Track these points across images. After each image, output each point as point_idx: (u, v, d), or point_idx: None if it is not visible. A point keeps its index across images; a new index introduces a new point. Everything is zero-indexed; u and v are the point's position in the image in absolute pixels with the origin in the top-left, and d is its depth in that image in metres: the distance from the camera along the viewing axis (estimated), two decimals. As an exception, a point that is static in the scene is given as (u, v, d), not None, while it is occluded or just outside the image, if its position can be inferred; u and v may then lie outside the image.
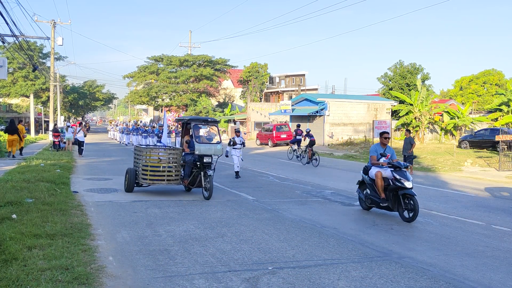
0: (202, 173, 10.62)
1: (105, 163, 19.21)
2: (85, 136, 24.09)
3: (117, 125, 47.14)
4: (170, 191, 11.71)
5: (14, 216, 7.42)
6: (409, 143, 17.21)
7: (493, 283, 5.35)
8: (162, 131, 20.40)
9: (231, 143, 15.39)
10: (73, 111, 70.72)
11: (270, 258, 6.03)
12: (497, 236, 7.69)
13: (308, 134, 21.48)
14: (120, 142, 37.34)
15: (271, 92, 61.04)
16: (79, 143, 22.90)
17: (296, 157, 22.42)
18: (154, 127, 31.56)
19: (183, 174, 11.14)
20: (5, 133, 21.79)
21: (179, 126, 30.65)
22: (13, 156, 19.93)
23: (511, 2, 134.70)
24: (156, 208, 9.26)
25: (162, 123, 52.97)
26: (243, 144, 15.65)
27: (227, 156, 15.05)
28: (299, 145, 22.71)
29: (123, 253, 6.10)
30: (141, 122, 46.57)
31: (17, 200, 8.68)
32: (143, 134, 30.21)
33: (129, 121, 52.14)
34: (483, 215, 9.45)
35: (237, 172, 15.14)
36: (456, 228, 8.21)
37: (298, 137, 23.12)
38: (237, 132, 16.07)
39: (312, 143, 20.88)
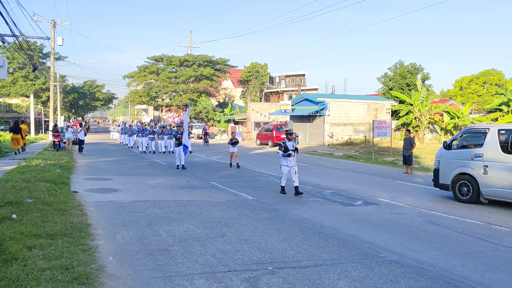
0: None
1: (105, 163, 19.21)
2: (85, 135, 25.83)
3: (118, 125, 45.06)
4: (170, 191, 11.71)
5: (14, 216, 7.42)
6: (409, 143, 17.23)
7: (493, 283, 5.35)
8: (182, 132, 17.82)
9: (282, 148, 11.64)
10: (73, 111, 70.72)
11: (270, 258, 6.03)
12: (497, 236, 7.69)
13: None
14: (121, 143, 35.53)
15: (271, 92, 61.05)
16: (80, 142, 24.74)
17: None
18: (164, 127, 27.99)
19: None
20: (10, 132, 25.14)
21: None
22: (19, 152, 22.28)
23: (511, 2, 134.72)
24: (156, 208, 9.26)
25: (165, 122, 52.37)
26: (296, 150, 11.71)
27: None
28: None
29: (123, 253, 6.10)
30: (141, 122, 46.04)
31: (17, 200, 8.68)
32: (149, 136, 26.85)
33: (132, 121, 50.20)
34: (483, 215, 9.45)
35: (283, 187, 11.75)
36: (456, 228, 8.21)
37: None
38: (289, 134, 11.89)
39: None
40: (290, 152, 11.50)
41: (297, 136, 13.46)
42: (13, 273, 4.84)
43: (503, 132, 10.61)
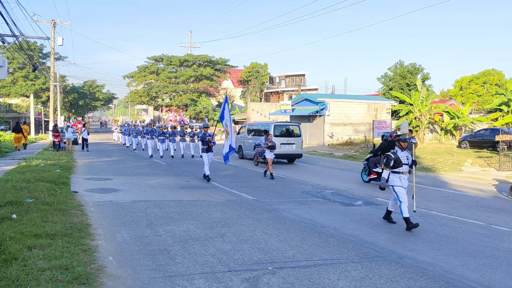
0: None
1: (105, 163, 19.21)
2: (88, 134, 27.80)
3: (120, 126, 42.48)
4: (170, 191, 11.71)
5: (14, 216, 7.42)
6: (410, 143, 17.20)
7: (493, 283, 5.35)
8: (212, 134, 14.59)
9: (391, 162, 7.99)
10: (73, 111, 70.71)
11: (270, 258, 6.02)
12: (497, 236, 7.69)
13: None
14: (123, 144, 34.03)
15: (271, 92, 61.07)
16: (84, 140, 26.98)
17: None
18: (175, 127, 25.52)
19: None
20: (12, 132, 28.36)
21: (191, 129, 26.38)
22: (18, 150, 24.30)
23: (511, 2, 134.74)
24: (156, 208, 9.26)
25: (165, 123, 52.24)
26: (414, 163, 8.26)
27: (383, 188, 8.19)
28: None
29: (123, 253, 6.10)
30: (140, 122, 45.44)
31: (17, 200, 8.68)
32: (159, 137, 23.93)
33: (135, 122, 48.19)
34: (483, 215, 9.45)
35: (407, 220, 7.86)
36: (456, 228, 8.20)
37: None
38: (402, 141, 8.10)
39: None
40: (404, 167, 7.99)
41: (414, 143, 9.79)
42: (13, 273, 4.84)
43: (250, 125, 22.92)
